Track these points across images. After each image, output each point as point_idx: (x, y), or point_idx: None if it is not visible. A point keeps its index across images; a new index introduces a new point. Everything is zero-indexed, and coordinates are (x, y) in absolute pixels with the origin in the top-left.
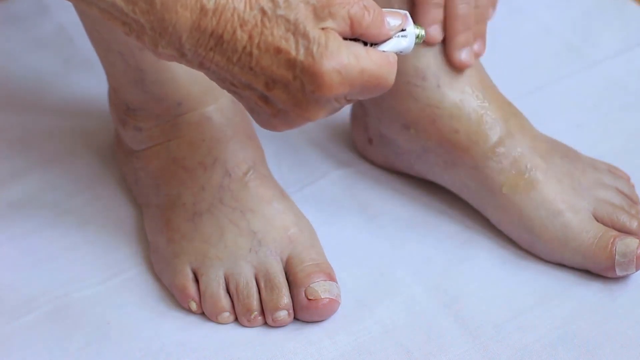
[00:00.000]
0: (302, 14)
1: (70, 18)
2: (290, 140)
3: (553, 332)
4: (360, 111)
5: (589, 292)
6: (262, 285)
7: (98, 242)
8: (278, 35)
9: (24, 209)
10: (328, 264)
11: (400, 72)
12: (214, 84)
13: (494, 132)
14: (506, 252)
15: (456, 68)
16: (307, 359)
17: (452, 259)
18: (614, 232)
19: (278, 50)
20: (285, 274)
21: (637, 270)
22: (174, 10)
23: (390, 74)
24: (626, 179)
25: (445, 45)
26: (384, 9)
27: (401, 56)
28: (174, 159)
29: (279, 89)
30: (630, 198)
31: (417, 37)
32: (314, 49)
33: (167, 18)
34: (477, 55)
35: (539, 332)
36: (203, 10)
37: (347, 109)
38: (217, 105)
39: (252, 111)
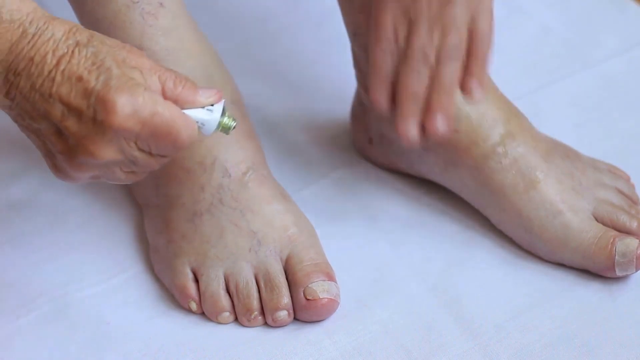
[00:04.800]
0: (113, 56)
1: (70, 18)
2: (290, 141)
3: (553, 332)
4: (360, 111)
5: (588, 292)
6: (262, 285)
7: (98, 242)
8: (83, 66)
9: (24, 209)
10: (327, 263)
11: None
12: (213, 84)
13: (495, 132)
14: (506, 252)
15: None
16: (307, 359)
17: (452, 259)
18: (614, 232)
19: (79, 79)
20: (285, 273)
21: (637, 270)
22: None
23: (182, 129)
24: (626, 179)
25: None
26: (201, 87)
27: None
28: (173, 159)
29: (72, 120)
30: (630, 198)
31: (225, 125)
32: (112, 82)
33: None
34: (434, 132)
35: (539, 332)
36: (24, 33)
37: (347, 109)
38: None
39: (46, 154)
